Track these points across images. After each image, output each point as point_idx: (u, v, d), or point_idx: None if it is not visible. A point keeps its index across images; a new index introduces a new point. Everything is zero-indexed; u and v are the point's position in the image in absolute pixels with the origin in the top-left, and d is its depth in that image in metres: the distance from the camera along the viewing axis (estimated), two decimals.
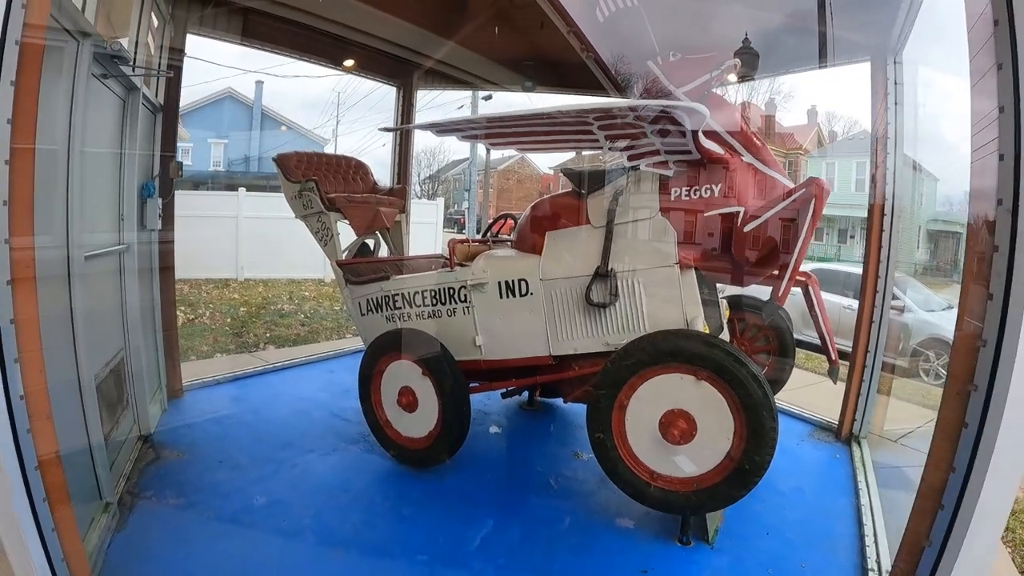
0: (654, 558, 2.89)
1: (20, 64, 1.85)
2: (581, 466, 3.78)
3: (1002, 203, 1.70)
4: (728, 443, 2.69)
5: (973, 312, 1.81)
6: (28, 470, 1.91)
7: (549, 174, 25.97)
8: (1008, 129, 1.68)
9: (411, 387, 3.45)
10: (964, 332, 1.86)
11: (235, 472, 3.49)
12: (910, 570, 1.92)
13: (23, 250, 1.88)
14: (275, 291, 10.15)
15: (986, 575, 1.82)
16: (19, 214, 1.86)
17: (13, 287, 1.84)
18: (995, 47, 1.72)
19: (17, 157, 1.84)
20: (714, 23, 4.22)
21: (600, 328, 3.12)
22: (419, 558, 2.78)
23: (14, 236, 1.84)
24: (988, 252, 1.74)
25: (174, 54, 4.31)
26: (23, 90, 1.86)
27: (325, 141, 22.21)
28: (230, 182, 16.33)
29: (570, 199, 3.28)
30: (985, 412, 1.72)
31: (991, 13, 1.73)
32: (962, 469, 1.78)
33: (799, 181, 2.98)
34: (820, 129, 25.94)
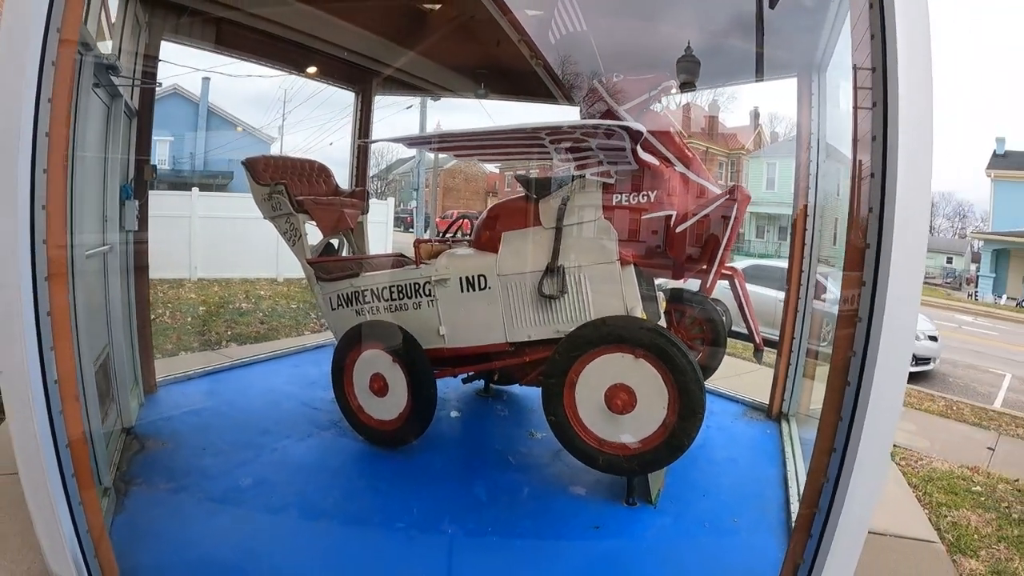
0: (604, 517, 3.32)
1: (55, 80, 2.09)
2: (536, 444, 4.18)
3: (872, 211, 2.14)
4: (664, 412, 3.12)
5: (852, 295, 2.23)
6: (60, 448, 2.18)
7: (495, 173, 26.27)
8: (878, 155, 2.12)
9: (382, 374, 3.78)
10: (845, 311, 2.28)
11: (219, 458, 3.73)
12: (814, 500, 2.34)
13: (58, 248, 2.15)
14: (230, 291, 10.23)
15: (874, 502, 2.29)
16: (55, 217, 2.12)
17: (49, 283, 2.11)
18: (872, 87, 2.17)
19: (53, 166, 2.10)
20: (656, 39, 4.65)
21: (551, 317, 3.52)
22: (397, 525, 3.13)
23: (51, 236, 2.10)
24: (862, 249, 2.17)
25: (149, 61, 4.48)
26: (58, 105, 2.11)
27: (272, 139, 21.97)
28: (179, 181, 16.10)
29: (523, 203, 3.65)
30: (862, 373, 2.15)
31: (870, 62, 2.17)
32: (847, 417, 2.20)
33: (742, 180, 3.45)
34: (762, 130, 26.95)
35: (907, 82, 2.01)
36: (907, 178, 2.02)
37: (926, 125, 2.04)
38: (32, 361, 2.10)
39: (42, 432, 2.13)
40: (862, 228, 2.23)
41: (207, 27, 4.86)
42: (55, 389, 2.15)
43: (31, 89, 2.06)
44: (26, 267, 2.08)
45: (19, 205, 2.05)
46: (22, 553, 2.83)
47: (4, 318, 2.10)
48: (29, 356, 2.09)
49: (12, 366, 2.12)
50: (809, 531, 2.35)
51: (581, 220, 3.45)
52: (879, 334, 2.09)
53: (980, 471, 5.02)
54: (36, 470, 2.19)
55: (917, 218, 2.06)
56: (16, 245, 2.06)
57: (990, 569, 3.49)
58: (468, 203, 24.39)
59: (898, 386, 2.17)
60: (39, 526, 2.27)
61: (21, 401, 2.13)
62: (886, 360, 2.10)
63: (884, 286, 2.09)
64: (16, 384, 2.13)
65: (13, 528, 3.00)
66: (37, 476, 2.20)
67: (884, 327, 2.09)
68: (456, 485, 3.59)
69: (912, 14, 2.03)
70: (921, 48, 2.04)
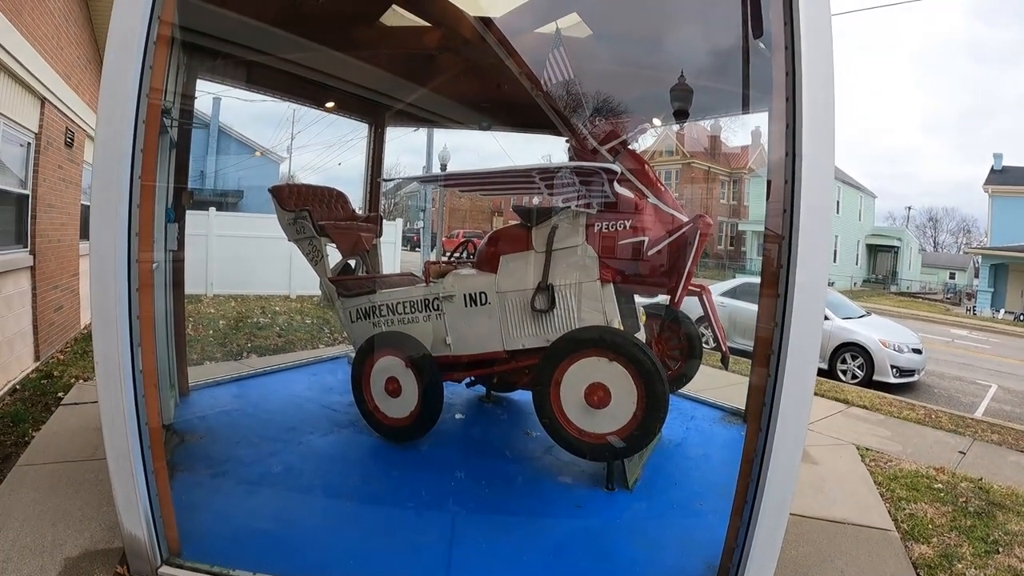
0: (586, 499, 3.88)
1: (146, 134, 2.67)
2: (530, 442, 4.73)
3: (785, 211, 2.63)
4: (634, 405, 3.64)
5: (770, 307, 2.73)
6: (141, 426, 2.74)
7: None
8: (789, 194, 2.67)
9: (396, 377, 4.33)
10: (764, 320, 2.80)
11: (251, 449, 4.28)
12: (748, 471, 2.82)
13: (146, 265, 2.73)
14: (246, 306, 10.80)
15: (793, 478, 2.75)
16: (144, 241, 2.71)
17: (140, 292, 2.69)
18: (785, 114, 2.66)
19: (144, 201, 2.69)
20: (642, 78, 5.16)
21: (542, 329, 4.07)
22: (408, 504, 3.68)
23: (141, 255, 2.69)
24: (776, 268, 2.68)
25: (186, 99, 5.08)
26: (148, 153, 2.69)
27: (282, 159, 22.58)
28: (196, 200, 16.72)
29: (519, 230, 4.22)
30: (779, 366, 2.65)
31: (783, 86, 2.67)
32: (768, 396, 2.68)
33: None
34: (764, 149, 27.16)
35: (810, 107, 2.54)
36: (811, 183, 2.54)
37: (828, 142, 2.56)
38: (125, 355, 2.66)
39: (129, 412, 2.68)
40: (775, 253, 2.72)
41: (238, 68, 5.46)
42: (140, 379, 2.71)
43: (128, 142, 2.64)
44: (123, 280, 2.65)
45: (120, 232, 2.63)
46: (83, 523, 3.35)
47: (107, 319, 2.66)
48: (123, 351, 2.65)
49: (109, 358, 2.67)
50: (743, 506, 2.82)
51: (567, 245, 4.01)
52: (789, 335, 2.59)
53: (945, 471, 5.26)
54: (121, 444, 2.72)
55: (820, 212, 2.57)
56: (117, 263, 2.63)
57: (939, 553, 3.77)
58: (474, 223, 24.98)
59: (807, 377, 2.67)
60: (119, 492, 2.78)
61: (114, 387, 2.68)
62: (796, 359, 2.60)
63: (792, 300, 2.61)
64: (111, 373, 2.67)
65: (75, 504, 3.53)
66: (122, 449, 2.72)
67: (792, 331, 2.59)
68: (459, 473, 4.14)
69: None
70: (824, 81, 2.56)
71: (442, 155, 14.29)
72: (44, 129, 6.59)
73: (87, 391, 5.59)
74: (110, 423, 2.72)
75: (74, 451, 4.22)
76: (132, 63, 2.63)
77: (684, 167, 24.88)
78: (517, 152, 19.60)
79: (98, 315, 2.73)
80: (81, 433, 4.56)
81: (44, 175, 6.67)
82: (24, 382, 5.95)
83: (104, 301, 2.68)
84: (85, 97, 8.10)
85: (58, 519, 3.36)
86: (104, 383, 2.71)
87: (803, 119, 2.56)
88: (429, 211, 14.89)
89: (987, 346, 17.62)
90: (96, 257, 2.71)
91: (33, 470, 3.94)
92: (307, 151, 31.67)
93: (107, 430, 2.73)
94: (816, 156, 2.58)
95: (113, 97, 2.66)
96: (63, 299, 7.63)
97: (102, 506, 3.46)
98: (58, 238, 7.35)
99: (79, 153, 7.99)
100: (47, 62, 6.45)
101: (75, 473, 3.90)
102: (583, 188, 3.83)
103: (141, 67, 2.65)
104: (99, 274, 2.70)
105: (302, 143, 26.34)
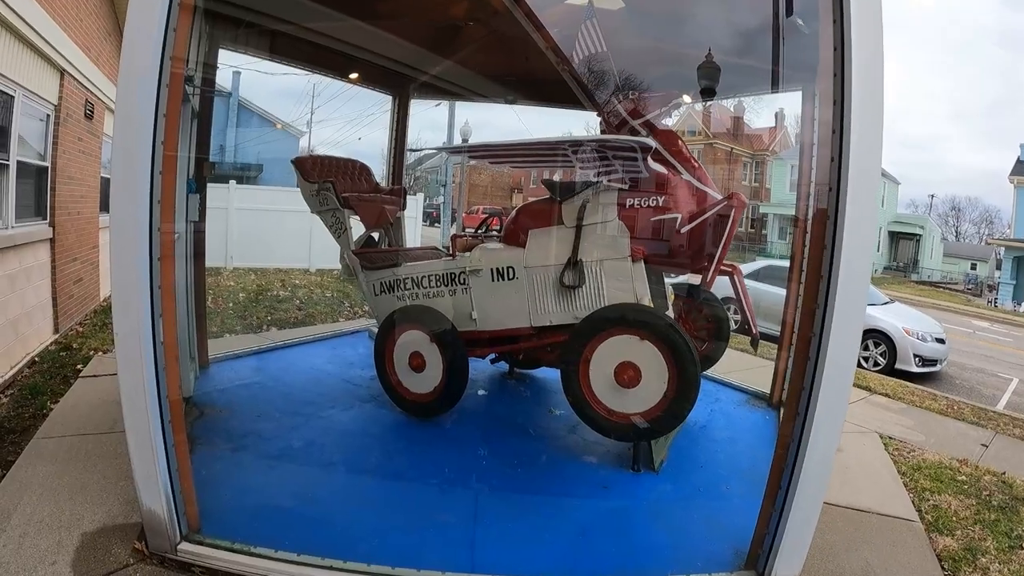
0: (612, 480, 3.80)
1: (169, 98, 2.56)
2: (553, 420, 4.65)
3: (831, 189, 2.57)
4: (664, 385, 3.57)
5: (812, 288, 2.67)
6: (162, 400, 2.67)
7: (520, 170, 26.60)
8: (835, 172, 2.55)
9: (420, 352, 4.26)
10: (805, 302, 2.74)
11: (272, 423, 4.24)
12: (783, 457, 2.80)
13: (167, 235, 2.64)
14: (266, 279, 10.80)
15: (830, 464, 2.72)
16: (166, 209, 2.61)
17: (161, 263, 2.61)
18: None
19: (167, 170, 2.59)
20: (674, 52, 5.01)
21: (570, 305, 3.98)
22: (431, 481, 3.62)
23: (163, 224, 2.60)
24: (820, 251, 2.61)
25: (208, 68, 4.97)
26: (171, 118, 2.58)
27: (302, 134, 22.50)
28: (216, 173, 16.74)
29: (547, 204, 4.11)
30: (819, 349, 2.60)
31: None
32: (808, 380, 2.65)
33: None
34: (787, 131, 26.83)
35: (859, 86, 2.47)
36: (859, 162, 2.48)
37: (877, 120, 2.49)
38: (146, 326, 2.59)
39: (149, 386, 2.61)
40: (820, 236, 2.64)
41: (261, 37, 5.35)
42: (161, 350, 2.64)
43: (150, 105, 2.54)
44: (144, 249, 2.56)
45: (141, 200, 2.54)
46: (101, 497, 3.30)
47: (127, 290, 2.60)
48: (143, 322, 2.58)
49: (130, 329, 2.60)
50: (776, 492, 2.80)
51: (598, 220, 3.90)
52: (832, 316, 2.54)
53: (968, 463, 5.19)
54: (141, 418, 2.65)
55: (867, 193, 2.52)
56: (138, 232, 2.55)
57: (963, 547, 3.71)
58: (494, 199, 24.92)
59: (849, 359, 2.63)
60: (138, 467, 2.72)
61: (134, 359, 2.60)
62: (837, 339, 2.55)
63: (836, 284, 2.54)
64: (131, 344, 2.60)
65: (92, 478, 3.48)
66: (141, 423, 2.65)
67: (836, 312, 2.54)
68: (482, 450, 4.08)
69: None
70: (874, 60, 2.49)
71: (463, 130, 14.15)
72: (64, 101, 6.53)
73: (106, 363, 5.58)
74: (130, 396, 2.65)
75: (92, 424, 4.19)
76: (155, 21, 2.52)
77: (706, 147, 24.50)
78: (538, 128, 19.37)
79: (118, 286, 2.65)
80: (100, 406, 4.53)
81: (63, 147, 6.63)
82: (43, 354, 5.95)
83: (124, 272, 2.60)
84: (105, 69, 8.04)
85: (76, 493, 3.32)
86: (124, 355, 2.65)
87: (852, 96, 2.48)
88: (450, 186, 14.77)
89: (1009, 339, 17.33)
90: (116, 226, 2.61)
91: (51, 443, 3.91)
92: (327, 126, 31.47)
93: (127, 404, 2.66)
94: (864, 133, 2.50)
95: (134, 57, 2.55)
96: (82, 271, 7.64)
97: (120, 480, 3.41)
98: (77, 210, 7.33)
99: (99, 125, 7.95)
100: (66, 33, 6.38)
101: (93, 446, 3.87)
102: (616, 163, 3.71)
103: (164, 28, 2.54)
104: (119, 244, 2.61)
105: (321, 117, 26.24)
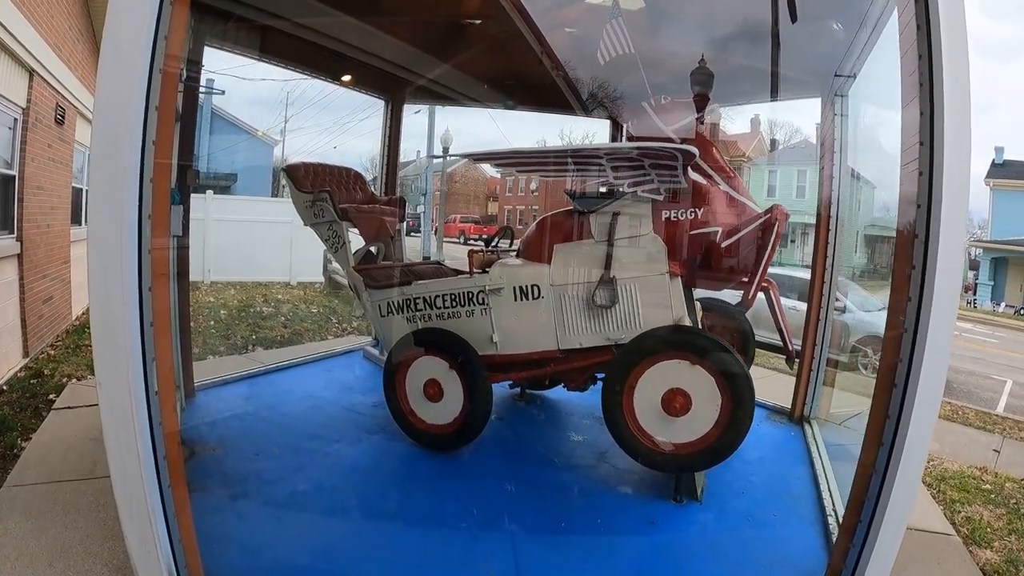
0: (656, 512, 3.49)
1: (163, 86, 2.16)
2: (578, 446, 4.33)
3: (920, 206, 2.36)
4: (716, 412, 3.31)
5: (899, 308, 2.44)
6: (159, 462, 2.26)
7: (495, 178, 26.12)
8: (926, 158, 2.32)
9: (437, 379, 3.90)
10: (893, 321, 2.52)
11: (272, 462, 3.81)
12: (861, 495, 2.55)
13: (159, 250, 2.26)
14: (247, 293, 10.31)
15: (914, 495, 2.52)
16: (159, 223, 2.24)
17: (154, 291, 2.22)
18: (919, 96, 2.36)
19: (158, 174, 2.19)
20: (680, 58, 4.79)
21: (602, 325, 3.67)
22: (460, 525, 3.25)
23: (155, 239, 2.21)
24: (908, 269, 2.39)
25: (192, 65, 4.53)
26: (165, 106, 2.18)
27: (276, 142, 21.93)
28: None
29: (572, 216, 3.81)
30: (908, 375, 2.36)
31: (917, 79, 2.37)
32: (895, 415, 2.41)
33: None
34: (763, 137, 27.04)
35: (950, 96, 2.28)
36: (951, 177, 2.27)
37: (966, 131, 2.30)
38: (135, 372, 2.16)
39: (144, 448, 2.19)
40: (907, 251, 2.42)
41: (251, 34, 4.94)
42: (156, 402, 2.22)
43: (139, 94, 2.12)
44: (132, 276, 2.15)
45: (126, 214, 2.14)
46: (86, 563, 2.88)
47: (110, 329, 2.18)
48: (133, 368, 2.16)
49: (114, 379, 2.17)
50: (855, 525, 2.56)
51: (632, 234, 3.61)
52: (924, 341, 2.32)
53: (988, 471, 5.24)
54: (135, 489, 2.23)
55: (959, 209, 2.31)
56: (123, 255, 2.14)
57: (1004, 559, 3.69)
58: (470, 208, 24.41)
59: (937, 388, 2.39)
60: (133, 541, 2.29)
61: (121, 418, 2.18)
62: (931, 367, 2.33)
63: (929, 305, 2.31)
64: (117, 399, 2.19)
65: (74, 537, 3.06)
66: (135, 494, 2.24)
67: (929, 336, 2.31)
68: (508, 485, 3.70)
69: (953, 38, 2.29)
70: (961, 65, 2.30)
71: (444, 138, 13.74)
72: (33, 104, 6.05)
73: (80, 392, 5.13)
74: (120, 466, 2.23)
75: (70, 467, 3.77)
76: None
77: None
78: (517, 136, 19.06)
79: (99, 323, 2.22)
80: (76, 444, 4.10)
81: (32, 154, 6.15)
82: (12, 382, 5.46)
83: (106, 305, 2.18)
84: (77, 72, 7.54)
85: (55, 557, 2.90)
86: (109, 409, 2.21)
87: (944, 105, 2.29)
88: (430, 195, 14.31)
89: (994, 340, 17.61)
90: (97, 248, 2.19)
91: (24, 492, 3.48)
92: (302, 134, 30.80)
93: (116, 468, 2.24)
94: (956, 146, 2.30)
95: (120, 30, 2.14)
96: (53, 289, 7.12)
97: (106, 540, 3.00)
98: (47, 223, 6.83)
99: (70, 132, 7.45)
100: (36, 30, 5.90)
101: (72, 496, 3.46)
102: (653, 171, 3.43)
103: None
104: (100, 270, 2.19)
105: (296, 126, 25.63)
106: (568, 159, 3.63)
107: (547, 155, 3.67)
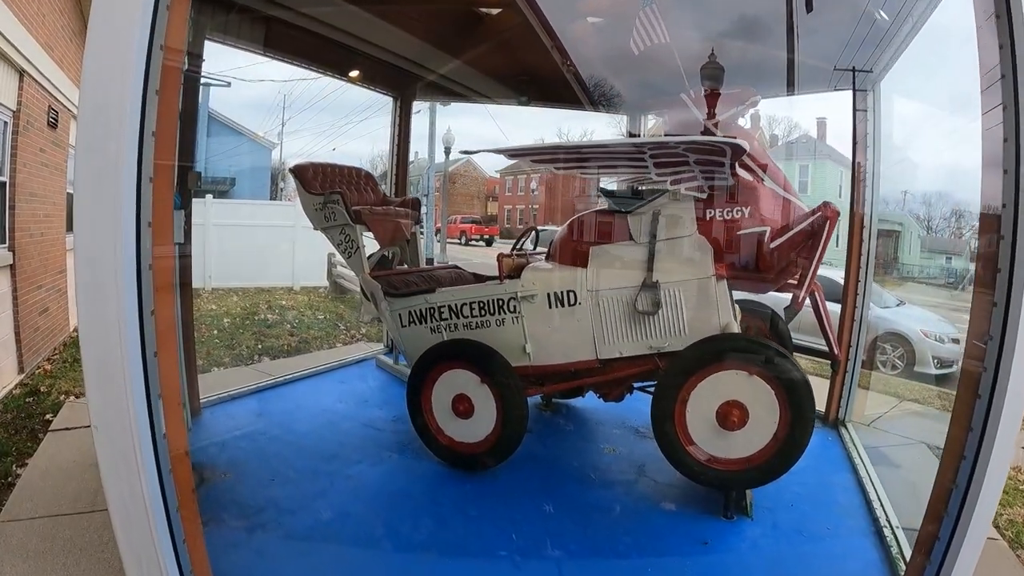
0: (708, 531, 3.24)
1: (163, 70, 1.85)
2: (614, 460, 4.07)
3: (1006, 206, 2.17)
4: (775, 425, 3.10)
5: (984, 315, 2.27)
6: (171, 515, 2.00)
7: (495, 178, 25.80)
8: (1011, 154, 2.13)
9: (467, 394, 3.64)
10: (974, 332, 2.34)
11: (291, 488, 3.53)
12: (940, 510, 2.38)
13: (164, 261, 1.96)
14: (249, 300, 10.02)
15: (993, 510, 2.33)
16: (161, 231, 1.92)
17: (156, 314, 1.91)
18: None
19: (159, 173, 1.87)
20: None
21: (645, 333, 3.43)
22: (500, 554, 2.98)
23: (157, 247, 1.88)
24: (992, 272, 2.21)
25: (192, 59, 4.23)
26: (166, 92, 1.88)
27: (273, 145, 21.67)
28: None
29: (609, 216, 3.56)
30: (994, 386, 2.20)
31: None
32: (978, 428, 2.24)
33: None
34: (762, 133, 26.88)
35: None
36: None
37: None
38: (139, 412, 1.87)
39: (153, 504, 1.91)
40: (990, 253, 2.26)
41: (255, 26, 4.66)
42: (164, 445, 1.94)
43: (137, 77, 1.77)
44: (131, 295, 1.83)
45: (122, 220, 1.80)
46: None
47: (103, 361, 1.86)
48: (135, 408, 1.86)
49: (111, 420, 1.87)
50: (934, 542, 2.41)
51: (675, 235, 3.37)
52: (1012, 352, 2.16)
53: (1022, 471, 5.08)
54: (143, 541, 1.97)
55: None
56: (118, 270, 1.81)
57: None
58: (471, 208, 24.12)
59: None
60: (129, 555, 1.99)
61: (124, 466, 1.90)
62: (1018, 375, 2.17)
63: (1019, 296, 2.14)
64: (116, 443, 1.89)
65: None
66: (144, 548, 1.97)
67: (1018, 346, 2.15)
68: (545, 505, 3.44)
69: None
70: None
71: (446, 138, 13.47)
72: (24, 107, 5.77)
73: (78, 411, 4.85)
74: (124, 519, 1.94)
75: (69, 499, 3.51)
76: None
77: None
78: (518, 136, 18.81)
79: (92, 358, 1.87)
80: (76, 471, 3.84)
81: (24, 159, 5.87)
82: (7, 400, 5.19)
83: (99, 334, 1.84)
84: (70, 73, 7.23)
85: None
86: (108, 458, 1.90)
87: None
88: (432, 195, 14.03)
89: None
90: (84, 262, 1.85)
91: (20, 528, 3.21)
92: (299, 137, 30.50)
93: (121, 532, 1.97)
94: None
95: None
96: (48, 300, 6.83)
97: None
98: (41, 232, 6.55)
99: (64, 135, 7.15)
100: (27, 29, 5.61)
101: (72, 532, 3.20)
102: (698, 168, 3.18)
103: None
104: (90, 290, 1.85)
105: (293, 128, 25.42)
106: (609, 155, 3.37)
107: (589, 150, 3.40)
